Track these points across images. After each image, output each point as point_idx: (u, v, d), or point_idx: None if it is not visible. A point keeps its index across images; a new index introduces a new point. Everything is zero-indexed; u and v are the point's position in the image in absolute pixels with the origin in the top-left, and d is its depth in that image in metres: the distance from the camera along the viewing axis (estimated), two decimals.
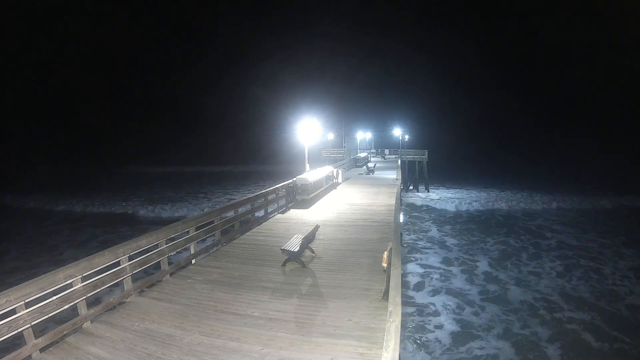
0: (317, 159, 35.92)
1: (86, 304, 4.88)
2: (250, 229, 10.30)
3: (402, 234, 13.76)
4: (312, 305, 5.50)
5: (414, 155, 41.16)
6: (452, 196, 36.76)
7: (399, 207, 11.13)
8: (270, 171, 59.61)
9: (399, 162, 34.67)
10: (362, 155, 36.05)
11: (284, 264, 7.24)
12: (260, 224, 10.93)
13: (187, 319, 5.06)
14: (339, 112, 58.87)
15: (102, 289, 5.20)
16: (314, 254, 7.89)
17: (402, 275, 4.70)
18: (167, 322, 4.99)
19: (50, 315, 4.37)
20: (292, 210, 12.89)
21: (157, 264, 6.54)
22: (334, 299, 5.65)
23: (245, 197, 11.04)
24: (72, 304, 4.69)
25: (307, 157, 14.60)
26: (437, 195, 37.67)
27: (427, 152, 40.52)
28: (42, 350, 4.23)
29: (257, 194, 11.59)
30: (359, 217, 11.84)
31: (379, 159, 41.90)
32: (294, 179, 13.85)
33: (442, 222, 26.50)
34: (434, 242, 21.31)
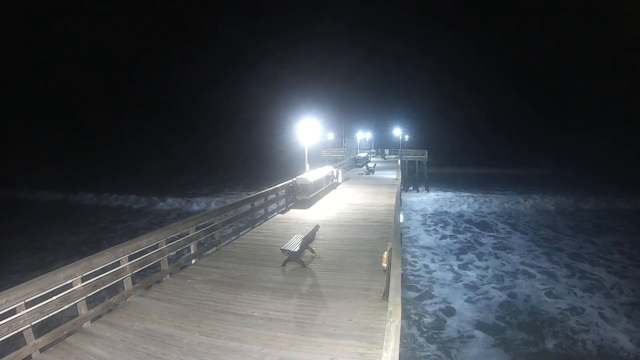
0: (317, 159, 35.93)
1: (86, 304, 4.88)
2: (250, 229, 10.30)
3: (402, 234, 13.74)
4: (312, 305, 5.50)
5: (414, 155, 41.20)
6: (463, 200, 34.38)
7: (399, 207, 11.13)
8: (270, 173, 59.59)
9: (399, 162, 34.68)
10: (362, 155, 36.03)
11: (284, 264, 7.24)
12: (260, 224, 10.93)
13: (187, 319, 5.06)
14: (339, 112, 58.99)
15: (102, 289, 5.20)
16: (314, 254, 7.89)
17: (402, 275, 4.70)
18: (167, 322, 4.99)
19: (50, 315, 4.37)
20: (292, 210, 12.89)
21: (157, 264, 6.54)
22: (334, 299, 5.65)
23: (245, 197, 11.04)
24: (72, 304, 4.69)
25: (307, 157, 14.60)
26: (438, 196, 36.96)
27: (427, 152, 40.57)
28: (42, 350, 4.22)
29: (257, 193, 11.59)
30: (359, 217, 11.84)
31: (379, 159, 41.92)
32: (294, 179, 13.85)
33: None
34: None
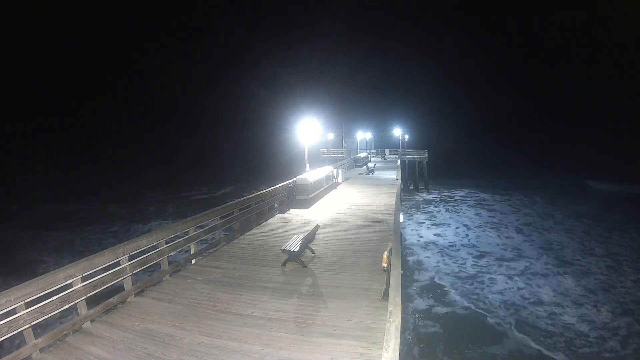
0: (317, 159, 35.91)
1: (86, 304, 4.88)
2: (250, 229, 10.30)
3: (402, 234, 13.79)
4: (312, 305, 5.50)
5: (414, 155, 41.21)
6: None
7: (399, 207, 11.13)
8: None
9: (399, 162, 34.68)
10: (362, 155, 36.03)
11: (284, 264, 7.24)
12: (260, 224, 10.93)
13: (187, 319, 5.06)
14: (339, 112, 58.95)
15: (102, 289, 5.20)
16: (314, 254, 7.89)
17: (402, 275, 4.70)
18: (167, 322, 4.99)
19: (50, 315, 4.37)
20: (292, 210, 12.88)
21: (157, 264, 6.54)
22: (334, 299, 5.65)
23: (245, 197, 11.03)
24: (72, 304, 4.69)
25: (307, 157, 14.60)
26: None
27: (427, 152, 40.56)
28: (42, 350, 4.22)
29: (257, 193, 11.58)
30: (359, 217, 11.84)
31: (379, 159, 41.92)
32: (294, 179, 13.84)
33: None
34: None
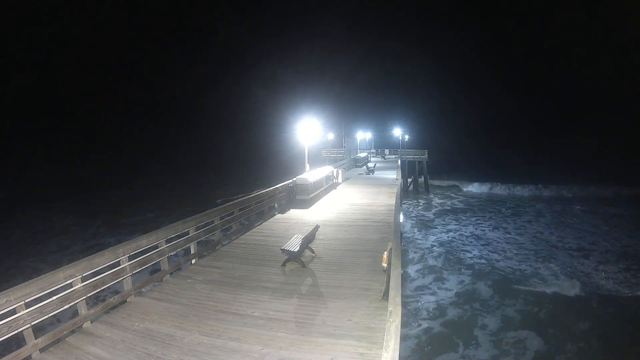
0: (317, 159, 35.90)
1: (86, 304, 4.88)
2: (250, 229, 10.30)
3: (401, 234, 13.83)
4: (312, 305, 5.50)
5: (414, 155, 41.18)
6: None
7: (399, 207, 11.13)
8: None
9: (399, 162, 34.69)
10: (362, 155, 36.03)
11: (284, 264, 7.24)
12: (260, 224, 10.93)
13: (187, 319, 5.06)
14: (339, 112, 58.63)
15: (102, 289, 5.20)
16: (314, 254, 7.89)
17: (402, 275, 4.70)
18: (167, 322, 4.99)
19: (50, 315, 4.37)
20: (292, 210, 12.89)
21: (157, 264, 6.54)
22: (334, 299, 5.65)
23: (245, 197, 11.03)
24: (72, 304, 4.69)
25: (307, 157, 14.60)
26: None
27: (427, 152, 40.56)
28: (42, 350, 4.22)
29: (257, 193, 11.58)
30: (359, 217, 11.84)
31: (379, 159, 41.94)
32: (294, 179, 13.85)
33: None
34: None
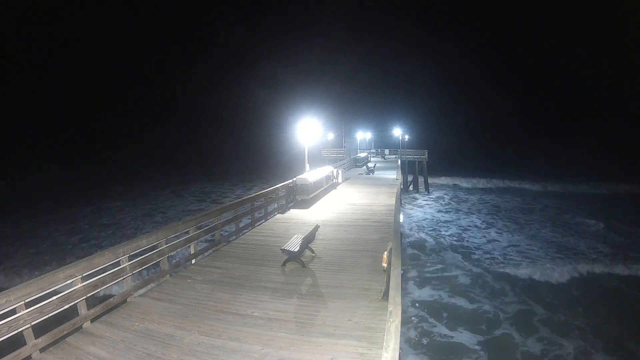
0: (317, 159, 35.90)
1: (86, 304, 4.88)
2: (250, 229, 10.30)
3: (402, 234, 13.85)
4: (312, 305, 5.50)
5: (414, 155, 41.19)
6: None
7: (399, 207, 11.13)
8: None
9: (399, 162, 34.70)
10: (362, 155, 36.03)
11: (284, 264, 7.24)
12: (260, 224, 10.93)
13: (187, 319, 5.06)
14: (339, 112, 58.88)
15: (102, 289, 5.20)
16: (314, 254, 7.89)
17: (402, 275, 4.70)
18: (167, 322, 4.99)
19: (50, 315, 4.36)
20: (292, 210, 12.89)
21: (157, 264, 6.54)
22: (334, 299, 5.65)
23: (245, 197, 11.04)
24: (72, 304, 4.68)
25: (307, 157, 14.60)
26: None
27: (427, 152, 40.58)
28: (42, 350, 4.22)
29: (257, 193, 11.59)
30: (359, 217, 11.84)
31: (379, 159, 41.93)
32: (294, 179, 13.85)
33: None
34: None
